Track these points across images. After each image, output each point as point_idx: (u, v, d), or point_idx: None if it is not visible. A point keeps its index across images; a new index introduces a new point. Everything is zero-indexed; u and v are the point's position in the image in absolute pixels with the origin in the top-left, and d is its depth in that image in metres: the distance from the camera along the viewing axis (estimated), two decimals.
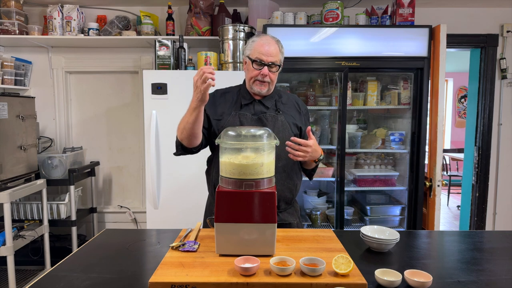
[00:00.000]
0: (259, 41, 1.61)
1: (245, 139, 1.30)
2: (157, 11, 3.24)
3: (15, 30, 2.99)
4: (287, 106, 1.74)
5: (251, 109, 1.67)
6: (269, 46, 1.59)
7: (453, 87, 7.61)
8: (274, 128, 1.63)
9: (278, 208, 1.63)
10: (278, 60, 1.61)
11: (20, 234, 2.66)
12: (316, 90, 3.17)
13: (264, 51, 1.58)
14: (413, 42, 2.73)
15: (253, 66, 1.61)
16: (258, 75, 1.60)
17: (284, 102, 1.74)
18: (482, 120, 3.38)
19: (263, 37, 1.63)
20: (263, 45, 1.59)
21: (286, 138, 1.61)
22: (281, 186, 1.62)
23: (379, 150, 3.12)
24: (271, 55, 1.59)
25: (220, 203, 1.23)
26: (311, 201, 3.25)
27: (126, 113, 3.45)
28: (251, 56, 1.61)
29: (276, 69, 1.62)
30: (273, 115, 1.66)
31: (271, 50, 1.59)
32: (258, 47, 1.59)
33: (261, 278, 1.09)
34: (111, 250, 1.42)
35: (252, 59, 1.60)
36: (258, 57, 1.59)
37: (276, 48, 1.61)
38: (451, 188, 6.34)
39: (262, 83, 1.62)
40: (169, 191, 2.72)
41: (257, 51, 1.59)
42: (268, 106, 1.68)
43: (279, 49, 1.62)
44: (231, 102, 1.70)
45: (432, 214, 2.81)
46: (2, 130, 2.53)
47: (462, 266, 1.27)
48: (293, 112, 1.73)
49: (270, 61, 1.59)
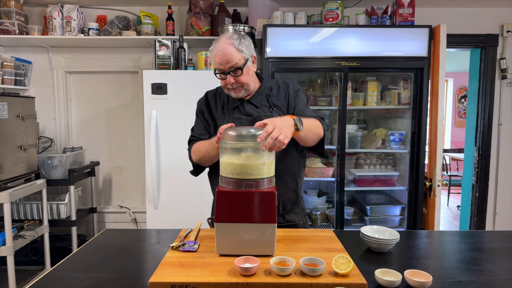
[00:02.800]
0: (214, 50, 1.50)
1: (245, 139, 1.29)
2: (157, 11, 3.24)
3: (15, 30, 2.99)
4: (280, 98, 1.64)
5: (242, 111, 1.61)
6: (222, 53, 1.47)
7: (453, 87, 7.61)
8: None
9: (284, 209, 1.62)
10: (238, 62, 1.48)
11: (20, 234, 2.66)
12: (316, 90, 3.17)
13: (220, 60, 1.48)
14: (413, 42, 2.73)
15: (217, 77, 1.54)
16: (226, 84, 1.53)
17: (275, 94, 1.64)
18: (482, 120, 3.38)
19: (217, 43, 1.50)
20: (217, 55, 1.48)
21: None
22: (284, 188, 1.59)
23: (379, 150, 3.12)
24: (228, 62, 1.47)
25: (220, 203, 1.23)
26: (311, 201, 3.25)
27: (126, 113, 3.45)
28: (214, 66, 1.54)
29: (240, 72, 1.50)
30: (268, 115, 1.58)
31: (226, 56, 1.47)
32: (214, 58, 1.50)
33: (261, 278, 1.09)
34: (111, 250, 1.42)
35: (215, 71, 1.53)
36: (217, 67, 1.51)
37: (231, 51, 1.47)
38: (451, 188, 6.34)
39: (234, 89, 1.54)
40: (169, 191, 2.72)
41: (216, 62, 1.50)
42: (258, 104, 1.60)
43: (237, 48, 1.48)
44: (222, 106, 1.65)
45: (432, 214, 2.81)
46: (2, 130, 2.53)
47: (462, 266, 1.27)
48: (284, 102, 1.64)
49: (229, 67, 1.48)
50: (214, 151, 1.47)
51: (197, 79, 2.66)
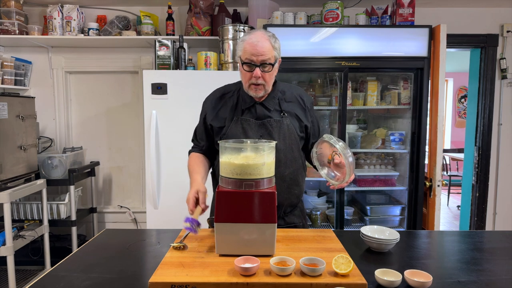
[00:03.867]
0: (248, 40, 1.45)
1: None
2: (157, 11, 3.24)
3: (15, 30, 2.99)
4: (292, 104, 1.62)
5: (253, 113, 1.57)
6: (259, 44, 1.43)
7: (453, 87, 7.61)
8: (279, 133, 1.55)
9: (284, 212, 1.61)
10: (271, 58, 1.46)
11: (20, 234, 2.66)
12: (316, 90, 3.17)
13: (253, 51, 1.43)
14: (413, 42, 2.73)
15: (244, 69, 1.48)
16: (250, 78, 1.48)
17: (288, 100, 1.62)
18: (482, 120, 3.38)
19: (252, 34, 1.47)
20: (251, 44, 1.43)
21: (292, 143, 1.58)
22: (287, 194, 1.58)
23: (379, 150, 3.12)
24: (262, 54, 1.43)
25: (220, 203, 1.23)
26: (311, 201, 3.25)
27: (126, 113, 3.45)
28: (242, 57, 1.48)
29: (270, 68, 1.47)
30: (278, 120, 1.56)
31: (262, 48, 1.43)
32: (247, 47, 1.45)
33: (261, 278, 1.09)
34: (111, 250, 1.42)
35: (243, 61, 1.47)
36: (248, 58, 1.45)
37: (268, 44, 1.45)
38: (451, 188, 6.34)
39: (256, 86, 1.49)
40: (169, 191, 2.72)
41: (247, 51, 1.45)
42: (271, 108, 1.57)
43: (272, 45, 1.46)
44: (231, 106, 1.60)
45: (432, 214, 2.81)
46: (2, 130, 2.53)
47: (462, 266, 1.27)
48: (298, 110, 1.62)
49: (261, 61, 1.44)
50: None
51: (197, 79, 2.66)
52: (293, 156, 1.59)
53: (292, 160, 1.58)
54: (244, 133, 1.54)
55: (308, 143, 1.70)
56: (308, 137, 1.68)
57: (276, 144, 1.54)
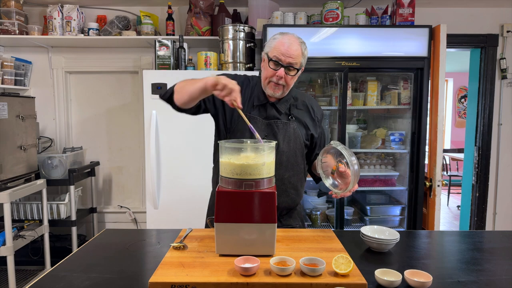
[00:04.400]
0: (281, 39, 1.47)
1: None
2: (157, 11, 3.24)
3: (15, 30, 2.98)
4: (302, 112, 1.63)
5: (263, 112, 1.57)
6: (290, 46, 1.45)
7: (453, 87, 7.61)
8: (285, 136, 1.56)
9: (280, 214, 1.61)
10: (297, 63, 1.48)
11: (20, 234, 2.66)
12: (316, 90, 3.17)
13: (283, 51, 1.45)
14: (413, 42, 2.73)
15: (269, 66, 1.49)
16: (273, 76, 1.48)
17: (299, 107, 1.63)
18: (482, 120, 3.38)
19: (286, 35, 1.49)
20: (283, 44, 1.46)
21: (296, 148, 1.59)
22: (285, 197, 1.58)
23: (379, 150, 3.12)
24: (291, 56, 1.45)
25: (220, 203, 1.23)
26: (311, 201, 3.25)
27: (126, 113, 3.45)
28: (269, 54, 1.49)
29: (294, 72, 1.49)
30: (285, 122, 1.57)
31: (292, 51, 1.45)
32: (278, 46, 1.46)
33: (261, 278, 1.09)
34: (111, 250, 1.42)
35: (270, 58, 1.48)
36: (276, 56, 1.46)
37: (298, 49, 1.47)
38: (451, 188, 6.34)
39: (276, 85, 1.50)
40: (169, 191, 2.72)
41: (277, 50, 1.46)
42: (282, 111, 1.58)
43: (302, 51, 1.49)
44: (246, 99, 1.58)
45: (432, 214, 2.81)
46: (2, 130, 2.53)
47: (462, 266, 1.27)
48: (307, 118, 1.64)
49: (289, 63, 1.46)
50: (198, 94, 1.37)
51: None
52: (296, 160, 1.60)
53: (294, 164, 1.59)
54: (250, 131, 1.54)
55: (312, 153, 1.71)
56: (312, 147, 1.69)
57: (280, 147, 1.55)
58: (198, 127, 2.67)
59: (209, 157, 1.78)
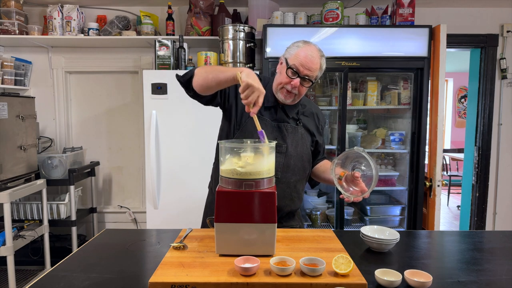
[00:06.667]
0: (304, 49, 1.47)
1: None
2: (157, 11, 3.24)
3: (15, 30, 2.98)
4: (308, 119, 1.66)
5: (273, 114, 1.57)
6: (311, 59, 1.46)
7: (453, 87, 7.61)
8: (293, 140, 1.57)
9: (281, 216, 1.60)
10: (314, 76, 1.49)
11: (20, 234, 2.66)
12: (316, 90, 3.17)
13: (304, 62, 1.45)
14: (413, 42, 2.73)
15: (286, 73, 1.48)
16: (288, 83, 1.48)
17: (306, 114, 1.65)
18: (482, 120, 3.38)
19: (309, 46, 1.49)
20: (306, 56, 1.45)
21: (303, 152, 1.60)
22: (289, 201, 1.58)
23: (379, 150, 3.12)
24: (310, 69, 1.46)
25: (220, 203, 1.23)
26: (311, 201, 3.25)
27: (126, 113, 3.45)
28: (289, 61, 1.48)
29: (309, 84, 1.50)
30: (293, 127, 1.58)
31: (312, 64, 1.46)
32: (300, 55, 1.46)
33: (261, 278, 1.09)
34: (111, 250, 1.42)
35: (289, 65, 1.47)
36: (295, 65, 1.46)
37: (318, 62, 1.48)
38: (451, 188, 6.34)
39: (289, 93, 1.50)
40: (169, 191, 2.72)
41: (297, 59, 1.46)
42: (290, 115, 1.59)
43: (321, 65, 1.49)
44: None
45: (432, 214, 2.81)
46: (2, 130, 2.53)
47: (462, 266, 1.27)
48: (312, 125, 1.66)
49: (306, 74, 1.46)
50: (220, 82, 1.35)
51: None
52: (302, 165, 1.61)
53: (301, 169, 1.60)
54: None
55: (314, 159, 1.73)
56: (316, 153, 1.72)
57: (288, 150, 1.55)
58: (198, 127, 2.67)
59: (209, 157, 1.78)
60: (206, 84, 1.40)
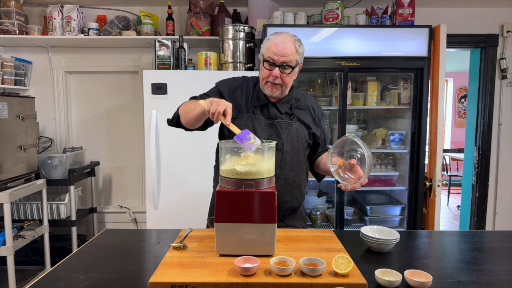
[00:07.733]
0: (274, 39, 1.49)
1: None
2: (157, 11, 3.24)
3: (15, 30, 2.98)
4: (303, 112, 1.65)
5: (265, 112, 1.59)
6: (283, 45, 1.47)
7: (453, 87, 7.61)
8: (288, 136, 1.57)
9: (284, 215, 1.61)
10: (292, 61, 1.49)
11: (20, 234, 2.66)
12: (316, 90, 3.17)
13: (276, 50, 1.46)
14: (413, 42, 2.73)
15: (264, 66, 1.51)
16: (269, 76, 1.50)
17: (300, 107, 1.65)
18: (482, 120, 3.38)
19: (278, 35, 1.51)
20: (276, 44, 1.47)
21: (299, 147, 1.59)
22: (290, 197, 1.57)
23: (379, 150, 3.12)
24: (284, 55, 1.46)
25: (220, 203, 1.23)
26: (311, 201, 3.25)
27: (126, 113, 3.45)
28: (264, 55, 1.51)
29: (289, 70, 1.50)
30: (287, 122, 1.58)
31: (285, 50, 1.46)
32: (271, 46, 1.48)
33: (261, 278, 1.09)
34: (111, 250, 1.42)
35: (264, 59, 1.50)
36: (269, 56, 1.48)
37: (292, 47, 1.48)
38: (451, 188, 6.34)
39: (273, 85, 1.51)
40: (169, 191, 2.72)
41: (270, 50, 1.48)
42: (282, 111, 1.59)
43: (296, 49, 1.50)
44: (246, 99, 1.60)
45: (432, 214, 2.81)
46: (2, 130, 2.53)
47: (462, 266, 1.27)
48: (308, 118, 1.65)
49: (283, 61, 1.47)
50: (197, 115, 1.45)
51: (197, 79, 2.66)
52: (299, 159, 1.60)
53: (298, 164, 1.59)
54: (253, 132, 1.53)
55: (315, 152, 1.73)
56: (315, 145, 1.71)
57: (284, 146, 1.55)
58: None
59: (209, 157, 1.78)
60: (190, 122, 1.52)
